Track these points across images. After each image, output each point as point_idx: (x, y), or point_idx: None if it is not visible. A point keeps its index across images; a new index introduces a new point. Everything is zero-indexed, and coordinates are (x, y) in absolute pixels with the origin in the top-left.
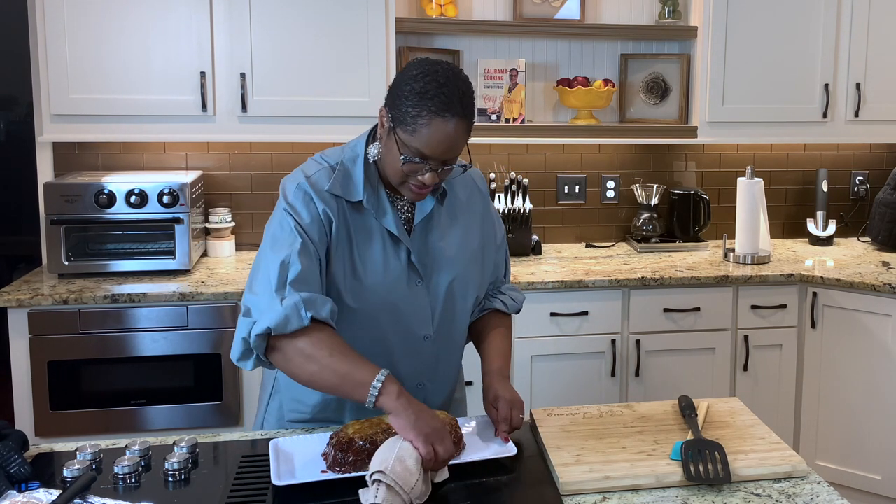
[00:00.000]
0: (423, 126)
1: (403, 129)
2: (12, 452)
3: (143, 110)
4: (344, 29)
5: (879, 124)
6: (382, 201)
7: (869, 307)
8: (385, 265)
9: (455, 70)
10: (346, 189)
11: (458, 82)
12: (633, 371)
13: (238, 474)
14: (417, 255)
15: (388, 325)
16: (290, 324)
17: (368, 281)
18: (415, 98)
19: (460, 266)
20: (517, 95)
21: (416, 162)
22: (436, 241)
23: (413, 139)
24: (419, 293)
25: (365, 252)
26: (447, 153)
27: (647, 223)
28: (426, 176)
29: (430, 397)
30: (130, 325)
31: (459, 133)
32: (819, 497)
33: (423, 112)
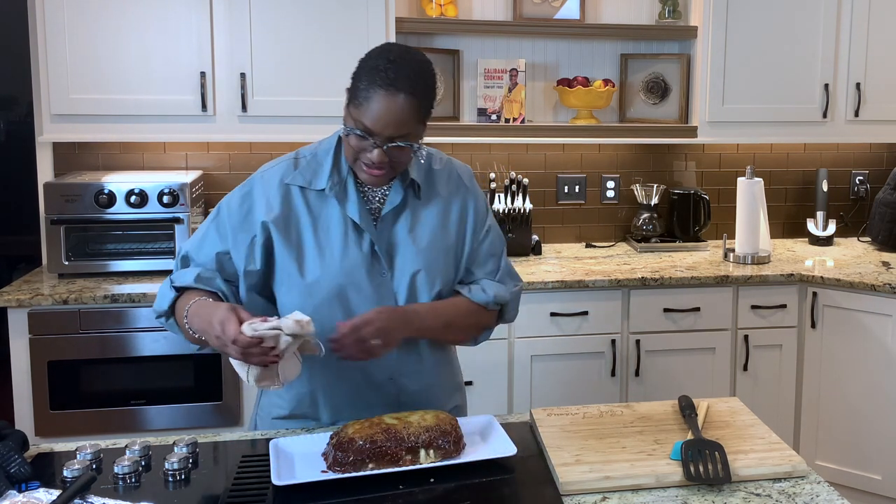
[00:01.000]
0: (368, 99)
1: (354, 103)
2: (12, 452)
3: (143, 110)
4: (344, 29)
5: (879, 124)
6: (348, 190)
7: (869, 307)
8: (344, 251)
9: (411, 51)
10: (311, 179)
11: (410, 61)
12: (633, 371)
13: (238, 474)
14: (382, 245)
15: (348, 311)
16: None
17: (326, 260)
18: (365, 73)
19: (428, 260)
20: (517, 95)
21: (360, 135)
22: (404, 232)
23: (359, 112)
24: (383, 283)
25: (325, 238)
26: (390, 128)
27: (647, 223)
28: (373, 153)
29: (405, 392)
30: (130, 325)
31: (405, 109)
32: (819, 497)
33: (371, 86)
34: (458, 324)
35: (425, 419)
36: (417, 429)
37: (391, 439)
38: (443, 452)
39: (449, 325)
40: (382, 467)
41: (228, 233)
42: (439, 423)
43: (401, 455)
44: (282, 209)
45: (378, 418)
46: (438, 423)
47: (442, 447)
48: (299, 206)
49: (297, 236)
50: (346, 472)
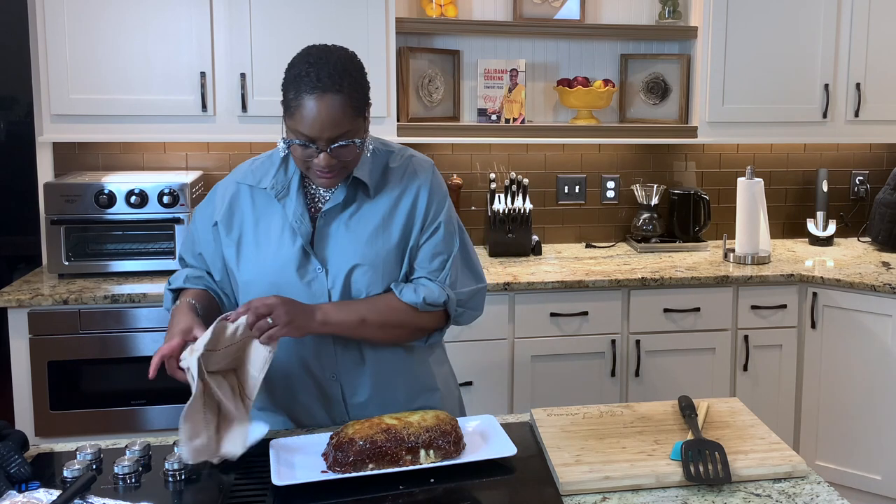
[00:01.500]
0: (297, 108)
1: (288, 114)
2: (12, 452)
3: (143, 110)
4: (344, 29)
5: (879, 124)
6: (291, 188)
7: (869, 307)
8: (279, 247)
9: (331, 48)
10: (260, 178)
11: (331, 59)
12: (633, 371)
13: (238, 474)
14: (321, 243)
15: None
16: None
17: (260, 258)
18: (290, 83)
19: (367, 258)
20: (517, 95)
21: (299, 144)
22: (342, 230)
23: (294, 122)
24: (315, 280)
25: (264, 234)
26: (327, 130)
27: (647, 223)
28: (320, 158)
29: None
30: (130, 325)
31: (334, 108)
32: (819, 497)
33: (298, 94)
34: (377, 320)
35: (425, 419)
36: (417, 429)
37: (391, 439)
38: (443, 452)
39: (365, 321)
40: (382, 467)
41: (200, 234)
42: (439, 423)
43: (401, 455)
44: (228, 207)
45: (378, 418)
46: (438, 424)
47: (442, 447)
48: (245, 205)
49: (238, 233)
50: (346, 472)
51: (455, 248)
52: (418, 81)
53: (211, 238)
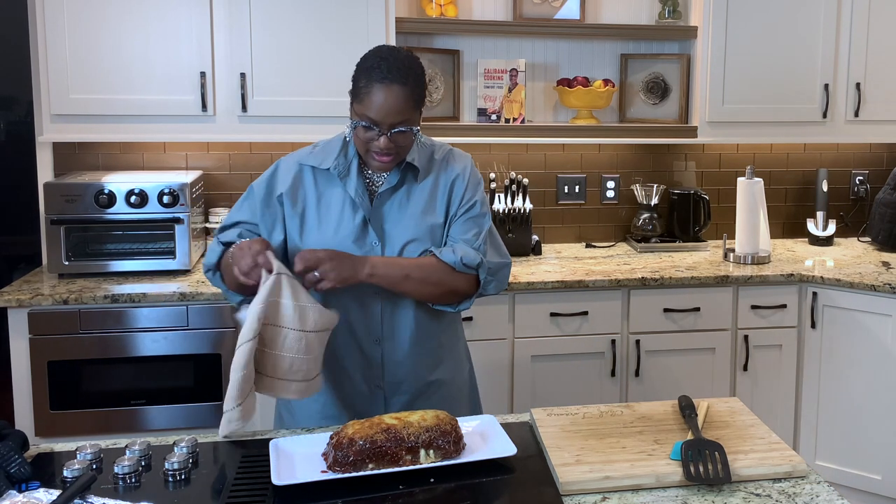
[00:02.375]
0: (367, 94)
1: (356, 100)
2: (12, 452)
3: (143, 110)
4: (344, 29)
5: (879, 124)
6: (352, 171)
7: (869, 307)
8: (339, 222)
9: (399, 49)
10: (322, 160)
11: (399, 57)
12: (633, 371)
13: (238, 474)
14: (377, 220)
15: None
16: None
17: (322, 230)
18: (362, 73)
19: (419, 231)
20: (517, 95)
21: (366, 127)
22: (398, 209)
23: (362, 107)
24: (373, 251)
25: (326, 210)
26: (390, 116)
27: (647, 223)
28: (380, 141)
29: (388, 354)
30: (130, 325)
31: (400, 98)
32: (819, 497)
33: (369, 82)
34: (419, 277)
35: (425, 419)
36: (417, 429)
37: (391, 439)
38: (443, 452)
39: (408, 276)
40: (382, 467)
41: (258, 207)
42: (439, 423)
43: (401, 455)
44: (292, 184)
45: (378, 418)
46: (438, 423)
47: (442, 447)
48: (308, 183)
49: (301, 208)
50: (346, 472)
51: (488, 223)
52: None
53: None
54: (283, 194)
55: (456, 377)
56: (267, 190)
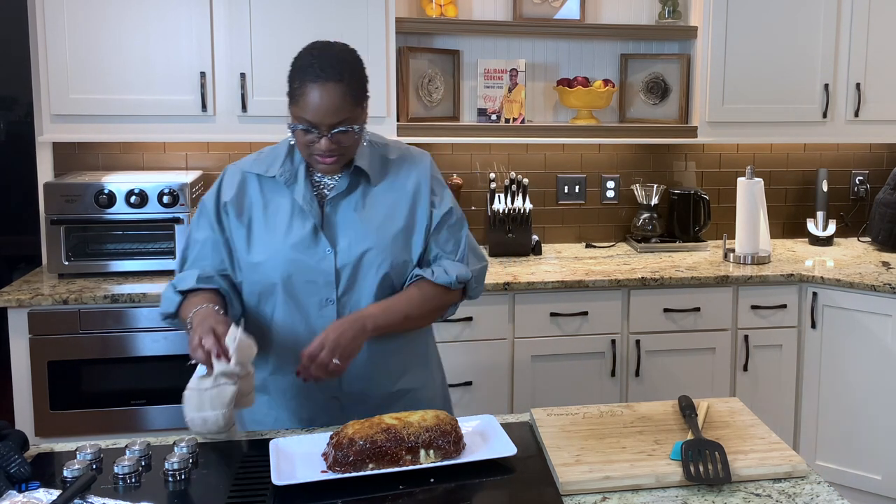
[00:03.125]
0: (301, 95)
1: (292, 103)
2: (12, 452)
3: (143, 110)
4: (344, 29)
5: (879, 124)
6: (298, 177)
7: (869, 307)
8: (288, 230)
9: (333, 43)
10: (267, 167)
11: (332, 51)
12: (633, 371)
13: (238, 474)
14: (327, 226)
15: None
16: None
17: (270, 239)
18: (295, 73)
19: (377, 240)
20: (517, 95)
21: (303, 129)
22: (353, 215)
23: (298, 109)
24: (325, 260)
25: (273, 218)
26: (329, 117)
27: (647, 223)
28: (321, 143)
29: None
30: (130, 325)
31: (337, 96)
32: (819, 497)
33: (302, 82)
34: (418, 313)
35: (425, 419)
36: (417, 429)
37: (391, 439)
38: (443, 452)
39: (408, 316)
40: (382, 467)
41: (214, 221)
42: (439, 423)
43: (401, 455)
44: (236, 192)
45: (378, 418)
46: (438, 423)
47: (442, 447)
48: (253, 191)
49: (247, 218)
50: (346, 472)
51: (465, 228)
52: (418, 81)
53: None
54: (227, 203)
55: (426, 385)
56: (216, 201)
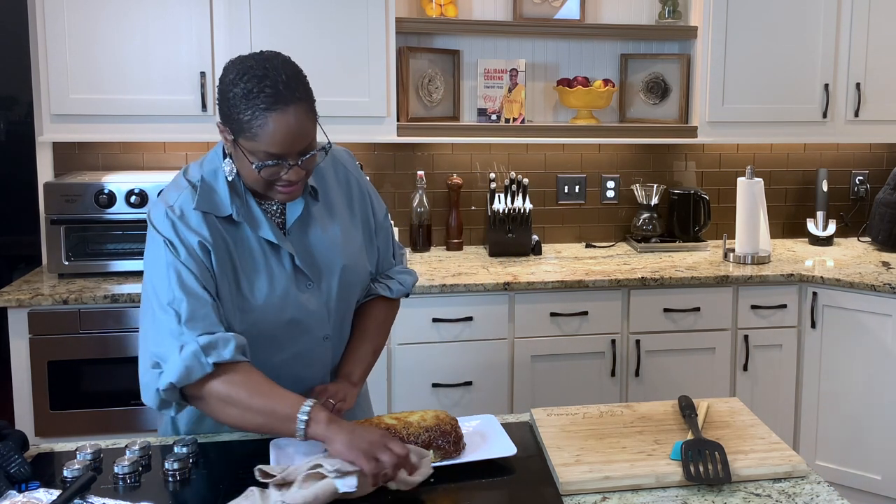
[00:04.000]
0: (261, 127)
1: (244, 137)
2: (12, 452)
3: (143, 110)
4: (344, 29)
5: (879, 124)
6: (253, 211)
7: (869, 307)
8: (270, 277)
9: (270, 57)
10: (213, 205)
11: (277, 68)
12: (633, 371)
13: (238, 474)
14: (300, 257)
15: (287, 337)
16: (193, 374)
17: (259, 298)
18: (241, 102)
19: (348, 258)
20: (517, 95)
21: (271, 165)
22: (317, 238)
23: (258, 144)
24: (312, 296)
25: (250, 265)
26: (298, 144)
27: (647, 223)
28: (289, 173)
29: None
30: (130, 325)
31: (301, 119)
32: (819, 497)
33: (256, 113)
34: (383, 340)
35: (425, 419)
36: (417, 429)
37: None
38: (443, 452)
39: (375, 351)
40: None
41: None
42: (439, 423)
43: None
44: (211, 236)
45: (378, 419)
46: (438, 423)
47: (442, 447)
48: (218, 236)
49: (230, 269)
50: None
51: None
52: (418, 81)
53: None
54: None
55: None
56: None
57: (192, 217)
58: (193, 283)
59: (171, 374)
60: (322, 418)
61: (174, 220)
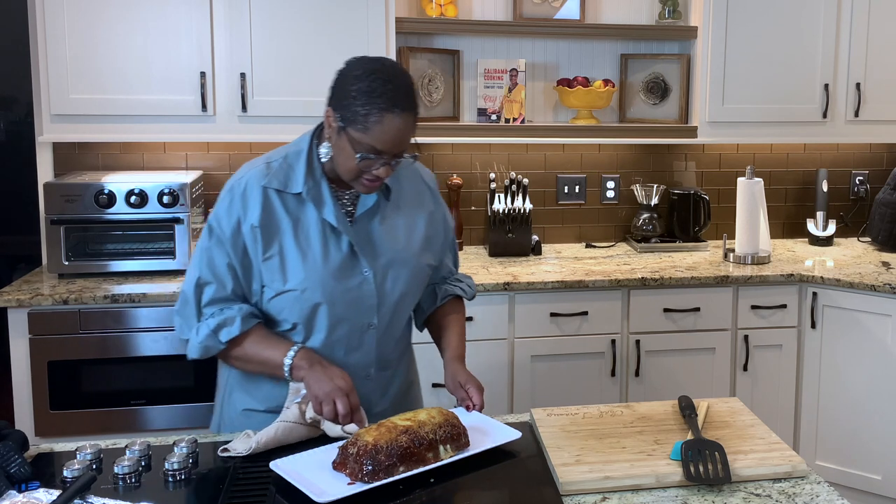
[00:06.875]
0: (375, 123)
1: (355, 127)
2: (12, 452)
3: (143, 110)
4: (344, 29)
5: (879, 124)
6: (323, 194)
7: (869, 307)
8: (325, 253)
9: (397, 66)
10: (286, 182)
11: (402, 78)
12: (633, 371)
13: (238, 474)
14: (359, 244)
15: (332, 314)
16: (211, 351)
17: (308, 264)
18: (363, 97)
19: (407, 256)
20: (517, 95)
21: (370, 158)
22: (381, 232)
23: (366, 136)
24: (364, 282)
25: (305, 239)
26: (399, 146)
27: (647, 223)
28: (380, 170)
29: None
30: (130, 325)
31: (408, 126)
32: (819, 497)
33: (374, 110)
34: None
35: (433, 416)
36: (432, 426)
37: (413, 440)
38: (456, 445)
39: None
40: (412, 468)
41: (228, 245)
42: (446, 418)
43: (423, 454)
44: (264, 214)
45: (389, 422)
46: (447, 418)
47: (455, 440)
48: (280, 211)
49: (278, 242)
50: (378, 478)
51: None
52: (418, 81)
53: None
54: (255, 227)
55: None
56: (234, 224)
57: (253, 194)
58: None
59: (192, 352)
60: (303, 364)
61: (233, 197)
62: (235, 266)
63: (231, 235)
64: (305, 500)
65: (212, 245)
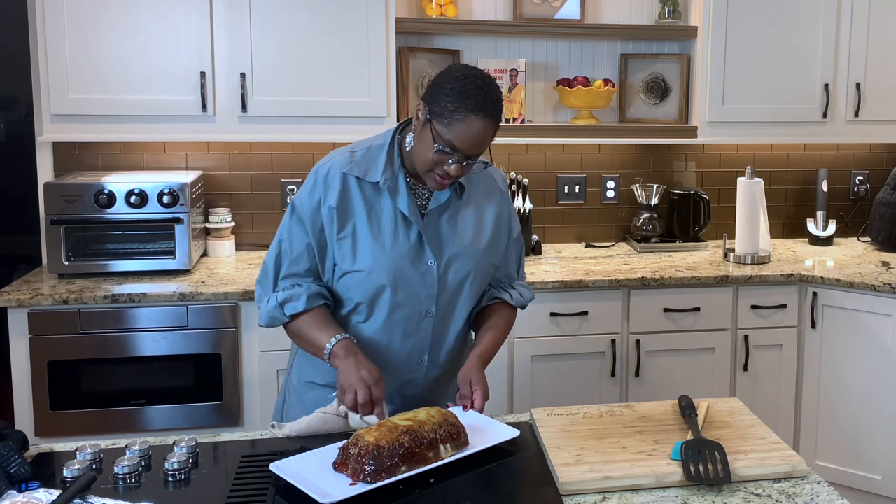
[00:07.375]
0: (459, 121)
1: (440, 121)
2: (12, 452)
3: (143, 110)
4: (344, 29)
5: (879, 124)
6: (399, 185)
7: (869, 307)
8: (394, 238)
9: (491, 79)
10: (366, 171)
11: (492, 88)
12: (633, 371)
13: (238, 474)
14: (428, 236)
15: (394, 298)
16: (276, 322)
17: (377, 247)
18: (454, 95)
19: (471, 253)
20: (517, 95)
21: (445, 152)
22: (449, 227)
23: (447, 131)
24: (428, 272)
25: (377, 225)
26: (474, 148)
27: (647, 223)
28: (452, 167)
29: (429, 374)
30: (130, 325)
31: (488, 132)
32: (819, 497)
33: (461, 108)
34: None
35: (432, 416)
36: (432, 426)
37: (414, 440)
38: (456, 444)
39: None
40: (413, 468)
41: (308, 224)
42: (445, 417)
43: (424, 453)
44: (340, 197)
45: (390, 422)
46: (446, 417)
47: (455, 439)
48: (356, 196)
49: (352, 224)
50: (380, 479)
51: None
52: (418, 81)
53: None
54: (332, 208)
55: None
56: (313, 204)
57: (334, 179)
58: (300, 243)
59: (261, 320)
60: (340, 353)
61: (316, 180)
62: (312, 244)
63: (311, 215)
64: (305, 501)
65: (293, 223)
